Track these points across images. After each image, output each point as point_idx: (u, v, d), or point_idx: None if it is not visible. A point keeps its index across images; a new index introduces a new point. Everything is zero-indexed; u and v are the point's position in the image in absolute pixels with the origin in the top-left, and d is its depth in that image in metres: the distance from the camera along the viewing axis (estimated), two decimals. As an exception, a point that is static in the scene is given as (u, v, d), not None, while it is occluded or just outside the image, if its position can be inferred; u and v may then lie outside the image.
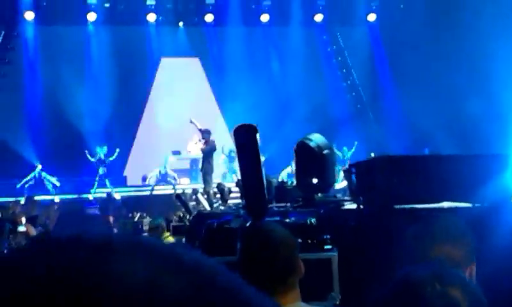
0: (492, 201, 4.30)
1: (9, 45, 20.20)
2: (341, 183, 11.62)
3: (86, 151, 18.50)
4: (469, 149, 13.94)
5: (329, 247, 4.23)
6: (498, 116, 14.25)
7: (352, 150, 18.14)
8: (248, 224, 4.47)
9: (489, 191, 4.30)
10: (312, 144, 5.54)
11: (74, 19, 20.20)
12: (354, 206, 4.93)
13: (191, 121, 16.67)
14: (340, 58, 22.39)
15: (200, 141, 16.53)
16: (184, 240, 7.94)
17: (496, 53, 15.34)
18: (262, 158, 4.63)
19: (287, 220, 4.75)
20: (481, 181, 4.36)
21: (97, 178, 18.15)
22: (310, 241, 4.08)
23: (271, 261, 2.41)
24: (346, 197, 5.93)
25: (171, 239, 8.68)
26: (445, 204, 4.28)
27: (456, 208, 4.19)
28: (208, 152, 15.72)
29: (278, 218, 4.72)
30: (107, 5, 20.45)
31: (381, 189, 4.47)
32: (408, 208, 4.16)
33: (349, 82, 22.27)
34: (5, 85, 19.56)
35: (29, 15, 19.78)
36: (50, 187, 18.01)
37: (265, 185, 4.63)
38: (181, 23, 21.69)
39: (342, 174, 12.58)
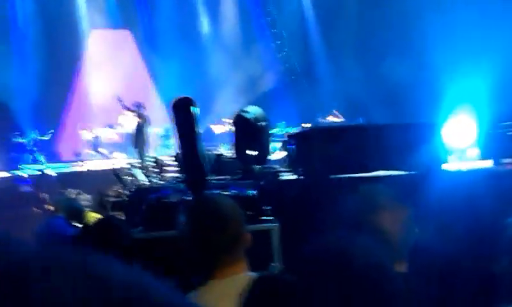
0: (424, 169, 4.46)
1: None
2: (277, 154, 11.74)
3: (17, 135, 17.97)
4: (401, 118, 14.29)
5: (269, 218, 4.30)
6: (430, 84, 14.66)
7: (289, 128, 18.30)
8: (187, 198, 4.49)
9: (421, 159, 4.46)
10: (248, 116, 5.61)
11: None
12: (293, 176, 5.02)
13: (119, 99, 16.41)
14: (274, 30, 22.42)
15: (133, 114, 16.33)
16: (123, 215, 7.89)
17: (429, 19, 15.71)
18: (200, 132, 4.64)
19: (227, 192, 4.79)
20: (413, 149, 4.51)
21: (30, 156, 17.72)
22: (250, 213, 4.14)
23: (219, 233, 2.46)
24: (284, 168, 6.01)
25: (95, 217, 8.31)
26: (380, 172, 4.42)
27: (390, 176, 4.33)
28: (142, 126, 15.55)
29: (218, 191, 4.75)
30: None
31: (319, 159, 4.57)
32: (345, 177, 4.28)
33: (284, 53, 22.34)
34: None
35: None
36: None
37: (202, 158, 4.66)
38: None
39: (278, 145, 12.73)
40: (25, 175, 16.63)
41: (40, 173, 16.29)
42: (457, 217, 4.23)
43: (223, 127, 17.17)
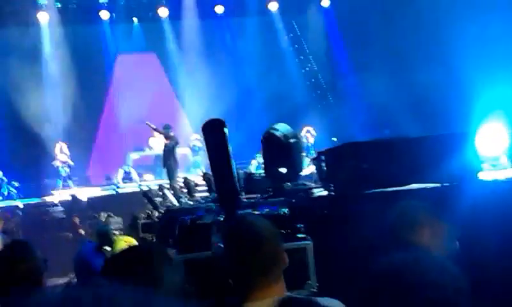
0: (458, 179, 4.40)
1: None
2: (307, 170, 11.70)
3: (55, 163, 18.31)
4: (430, 129, 14.14)
5: (303, 235, 4.27)
6: (460, 92, 14.50)
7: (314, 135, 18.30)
8: (222, 218, 4.49)
9: (455, 169, 4.40)
10: (278, 133, 5.59)
11: (25, 20, 19.77)
12: (324, 193, 4.99)
13: (148, 124, 16.64)
14: (297, 46, 22.46)
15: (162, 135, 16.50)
16: (153, 237, 7.90)
17: (457, 30, 15.57)
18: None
19: (258, 211, 4.77)
20: (446, 160, 4.45)
21: (61, 181, 17.98)
22: (283, 231, 4.12)
23: (256, 254, 2.44)
24: (315, 185, 5.98)
25: (126, 241, 8.36)
26: (413, 185, 4.37)
27: (424, 189, 4.28)
28: (172, 147, 15.69)
29: (249, 210, 4.74)
30: (58, 5, 20.12)
31: (350, 175, 4.53)
32: (377, 192, 4.24)
33: (307, 68, 22.36)
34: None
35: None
36: (13, 192, 17.69)
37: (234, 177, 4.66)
38: (135, 19, 21.50)
39: (307, 160, 12.68)
40: (56, 200, 16.84)
41: (71, 197, 16.46)
42: (492, 227, 4.17)
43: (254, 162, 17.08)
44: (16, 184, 17.83)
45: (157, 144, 18.08)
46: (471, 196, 4.02)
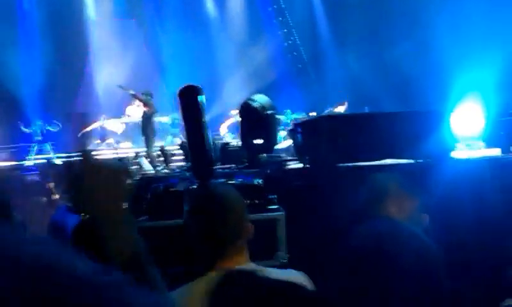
0: (432, 157, 4.42)
1: None
2: (283, 143, 11.71)
3: (20, 124, 18.04)
4: (409, 107, 14.22)
5: (275, 206, 4.27)
6: (437, 72, 14.57)
7: (295, 115, 18.20)
8: (194, 186, 4.46)
9: (429, 147, 4.41)
10: (255, 104, 5.54)
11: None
12: (299, 165, 4.98)
13: (120, 87, 16.45)
14: (280, 18, 22.32)
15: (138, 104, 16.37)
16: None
17: (437, 8, 15.62)
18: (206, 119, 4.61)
19: (233, 181, 4.75)
20: (421, 137, 4.47)
21: (36, 146, 17.77)
22: (256, 201, 4.11)
23: (222, 224, 2.44)
24: (290, 157, 5.97)
25: None
26: (388, 161, 4.38)
27: (398, 165, 4.29)
28: (150, 115, 15.55)
29: (223, 179, 4.72)
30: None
31: (326, 148, 4.53)
32: (352, 166, 4.24)
33: (290, 42, 22.26)
34: None
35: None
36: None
37: (209, 146, 4.61)
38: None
39: (283, 134, 12.69)
40: (32, 164, 16.66)
41: (47, 162, 16.29)
42: (465, 205, 4.20)
43: (230, 119, 17.14)
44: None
45: (135, 112, 17.92)
46: (444, 173, 4.04)
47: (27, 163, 16.87)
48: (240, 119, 5.87)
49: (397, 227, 1.61)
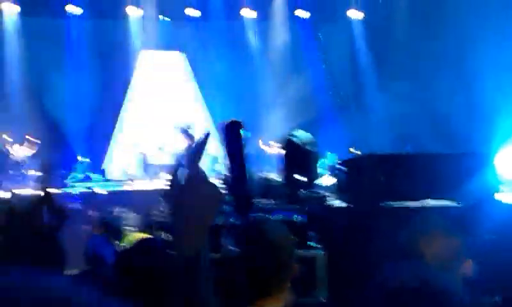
0: (475, 199, 4.35)
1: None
2: (325, 180, 11.65)
3: (79, 157, 18.49)
4: (450, 147, 14.06)
5: (315, 245, 4.26)
6: (481, 115, 14.40)
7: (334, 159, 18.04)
8: (233, 221, 4.49)
9: (473, 189, 4.36)
10: (297, 140, 5.59)
11: (54, 12, 19.95)
12: (340, 203, 4.97)
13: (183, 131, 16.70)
14: (322, 54, 22.38)
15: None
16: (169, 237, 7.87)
17: (481, 52, 15.50)
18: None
19: (273, 217, 4.76)
20: (465, 179, 4.41)
21: (80, 174, 18.09)
22: (296, 239, 4.10)
23: (268, 260, 2.42)
24: (330, 194, 5.95)
25: (140, 235, 8.43)
26: (430, 202, 4.33)
27: (441, 206, 4.24)
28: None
29: (262, 214, 4.73)
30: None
31: (369, 187, 4.51)
32: (394, 206, 4.21)
33: (331, 77, 22.27)
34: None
35: (7, 6, 19.54)
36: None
37: (250, 181, 4.65)
38: (161, 17, 21.55)
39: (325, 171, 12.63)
40: (75, 193, 16.90)
41: (90, 191, 16.52)
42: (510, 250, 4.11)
43: (271, 149, 17.17)
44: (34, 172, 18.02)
45: (178, 143, 18.08)
46: (488, 216, 3.98)
47: (70, 190, 17.14)
48: (281, 151, 5.91)
49: (428, 276, 1.57)
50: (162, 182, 17.61)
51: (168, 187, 1.67)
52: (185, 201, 1.50)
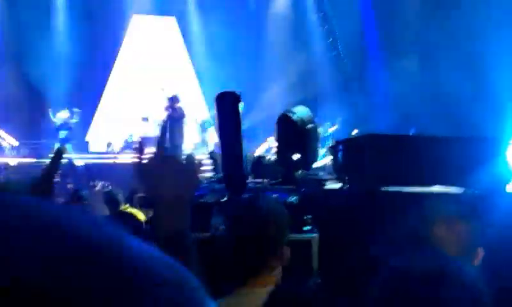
0: (484, 187, 4.32)
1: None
2: (322, 161, 11.64)
3: (50, 110, 18.27)
4: (457, 132, 14.03)
5: (309, 227, 4.23)
6: (490, 99, 14.37)
7: (335, 127, 18.09)
8: (223, 199, 4.45)
9: (482, 176, 4.32)
10: (294, 117, 5.52)
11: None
12: (338, 185, 4.93)
13: (144, 119, 16.65)
14: (327, 27, 22.23)
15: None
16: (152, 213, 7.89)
17: (493, 35, 15.44)
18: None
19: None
20: (474, 165, 4.37)
21: (58, 143, 17.99)
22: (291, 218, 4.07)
23: (265, 238, 2.41)
24: (328, 176, 5.92)
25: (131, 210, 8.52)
26: (435, 188, 4.30)
27: (449, 193, 4.20)
28: (178, 119, 15.62)
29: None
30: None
31: (369, 169, 4.47)
32: (397, 190, 4.17)
33: (335, 53, 22.16)
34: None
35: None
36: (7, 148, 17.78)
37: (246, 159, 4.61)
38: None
39: (323, 151, 12.61)
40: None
41: (68, 162, 16.46)
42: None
43: (264, 145, 16.98)
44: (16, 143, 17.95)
45: (164, 115, 18.03)
46: (497, 207, 3.94)
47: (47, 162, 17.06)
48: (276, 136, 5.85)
49: (445, 264, 1.53)
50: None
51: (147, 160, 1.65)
52: (162, 176, 1.49)
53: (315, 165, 6.43)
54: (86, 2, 20.01)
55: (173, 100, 15.88)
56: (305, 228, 4.24)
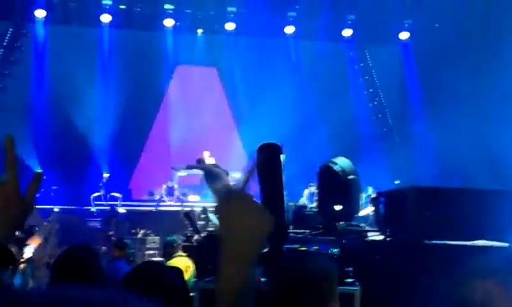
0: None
1: (17, 43, 20.21)
2: (363, 211, 11.53)
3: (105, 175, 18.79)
4: (502, 184, 13.76)
5: (351, 280, 4.18)
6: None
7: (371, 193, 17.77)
8: (266, 249, 4.42)
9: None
10: (336, 168, 5.51)
11: (87, 20, 20.22)
12: (379, 237, 4.87)
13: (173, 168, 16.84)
14: (367, 77, 22.24)
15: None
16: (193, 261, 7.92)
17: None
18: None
19: (306, 248, 4.69)
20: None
21: (103, 191, 18.27)
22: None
23: (308, 294, 2.37)
24: (370, 227, 5.87)
25: (185, 259, 8.58)
26: (481, 242, 4.21)
27: (494, 248, 4.12)
28: (216, 172, 15.62)
29: (296, 245, 4.67)
30: (122, 7, 20.42)
31: (412, 221, 4.41)
32: (441, 244, 4.10)
33: (375, 102, 22.11)
34: (10, 86, 19.66)
35: (40, 13, 19.85)
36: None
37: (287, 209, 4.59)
38: (200, 31, 21.66)
39: (364, 200, 12.52)
40: (94, 210, 17.07)
41: (110, 209, 16.64)
42: None
43: (309, 190, 16.97)
44: (54, 187, 18.23)
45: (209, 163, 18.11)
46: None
47: (91, 208, 17.29)
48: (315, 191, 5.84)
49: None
50: (188, 204, 17.67)
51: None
52: (233, 221, 1.44)
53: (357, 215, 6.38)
54: (130, 54, 20.39)
55: (199, 162, 15.91)
56: (347, 281, 4.19)
